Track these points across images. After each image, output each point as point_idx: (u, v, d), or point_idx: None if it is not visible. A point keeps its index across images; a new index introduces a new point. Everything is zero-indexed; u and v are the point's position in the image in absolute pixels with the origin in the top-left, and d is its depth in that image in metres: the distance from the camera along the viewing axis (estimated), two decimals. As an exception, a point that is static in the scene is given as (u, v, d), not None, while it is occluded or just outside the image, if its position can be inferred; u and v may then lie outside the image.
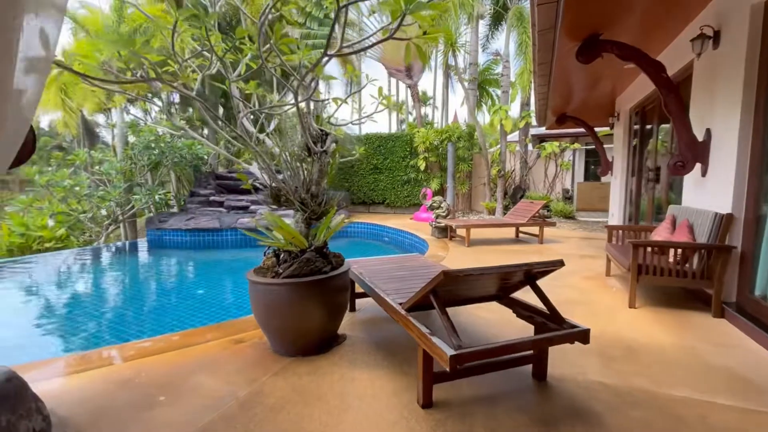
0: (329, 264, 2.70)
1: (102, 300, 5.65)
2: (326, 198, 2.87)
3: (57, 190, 8.47)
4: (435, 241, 7.54)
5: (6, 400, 1.67)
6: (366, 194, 13.92)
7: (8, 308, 5.22)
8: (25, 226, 9.32)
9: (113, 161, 9.50)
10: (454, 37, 11.08)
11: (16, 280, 6.56)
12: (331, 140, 2.90)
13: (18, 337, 4.16)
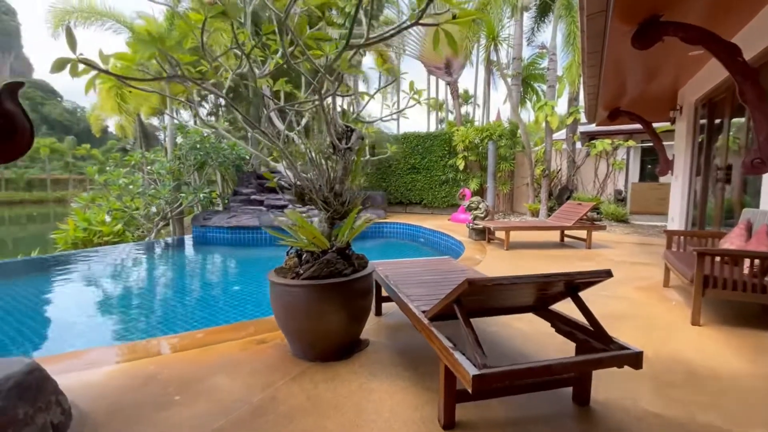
0: (351, 266, 2.57)
1: (145, 293, 5.94)
2: (350, 197, 2.75)
3: (113, 188, 9.10)
4: (472, 243, 7.22)
5: (26, 392, 1.70)
6: (403, 194, 13.76)
7: (65, 297, 5.63)
8: (88, 221, 10.11)
9: (163, 161, 10.07)
10: (496, 30, 10.61)
11: (78, 271, 7.09)
12: (356, 137, 2.77)
13: (62, 326, 4.44)
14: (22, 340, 3.95)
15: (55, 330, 4.31)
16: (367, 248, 9.64)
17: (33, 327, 4.30)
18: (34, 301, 5.31)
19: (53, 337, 4.13)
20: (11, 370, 1.72)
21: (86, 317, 4.75)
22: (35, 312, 4.87)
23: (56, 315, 4.90)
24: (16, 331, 4.13)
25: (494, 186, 11.01)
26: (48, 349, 3.78)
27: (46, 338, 4.09)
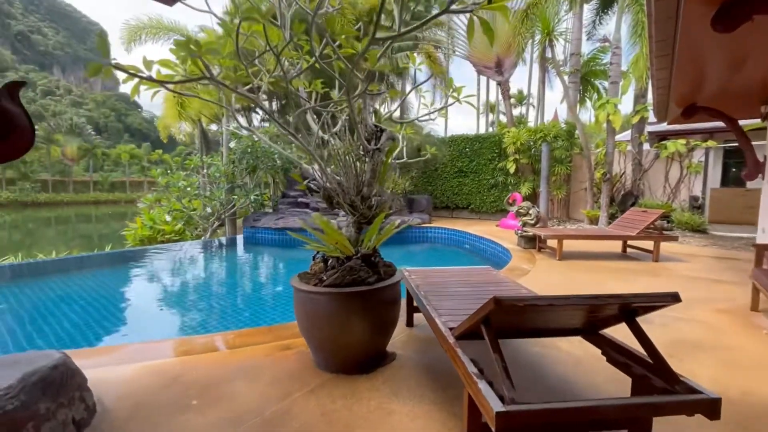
0: (375, 274, 2.41)
1: (193, 290, 6.24)
2: (378, 201, 2.60)
3: (173, 190, 9.79)
4: (520, 252, 6.76)
5: (49, 387, 1.74)
6: (449, 198, 13.39)
7: (125, 290, 6.07)
8: (153, 220, 10.97)
9: (219, 165, 10.67)
10: (551, 25, 9.95)
11: (139, 266, 7.67)
12: (386, 137, 2.62)
13: (117, 318, 4.75)
14: (70, 330, 4.27)
15: (110, 321, 4.62)
16: (411, 253, 9.47)
17: (87, 317, 4.65)
18: (94, 293, 5.78)
19: (106, 327, 4.42)
20: (38, 364, 1.78)
21: (139, 311, 5.06)
22: (95, 303, 5.28)
23: (114, 307, 5.27)
24: (71, 321, 4.49)
25: (548, 191, 10.30)
26: (93, 339, 4.05)
27: (97, 328, 4.39)
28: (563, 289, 4.35)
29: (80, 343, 3.86)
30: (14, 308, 4.99)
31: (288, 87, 2.92)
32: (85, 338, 3.99)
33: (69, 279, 6.50)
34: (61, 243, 21.90)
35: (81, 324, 4.38)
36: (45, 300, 5.32)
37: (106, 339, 4.05)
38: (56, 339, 3.91)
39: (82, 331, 4.19)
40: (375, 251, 2.56)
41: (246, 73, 2.96)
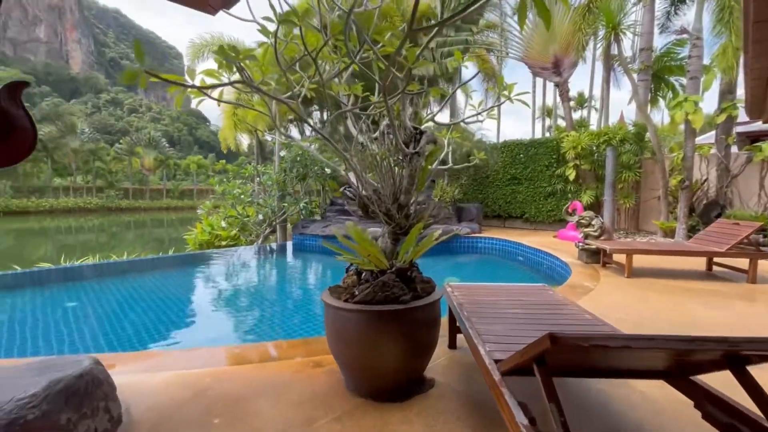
0: (411, 291, 2.17)
1: (241, 295, 6.37)
2: (416, 209, 2.37)
3: (229, 197, 10.28)
4: (582, 267, 6.11)
5: (73, 396, 1.71)
6: (501, 207, 12.73)
7: (181, 292, 6.36)
8: (211, 226, 11.62)
9: (271, 173, 11.05)
10: (617, 18, 9.11)
11: (197, 269, 8.08)
12: (425, 140, 2.39)
13: (170, 320, 4.93)
14: (126, 329, 4.47)
15: (162, 323, 4.81)
16: (458, 264, 9.05)
17: (145, 318, 4.88)
18: (153, 294, 6.11)
19: (158, 329, 4.60)
20: (64, 372, 1.77)
21: (189, 314, 5.24)
22: (153, 304, 5.56)
23: (168, 309, 5.51)
24: (130, 320, 4.73)
25: (613, 199, 9.36)
26: (142, 341, 4.20)
27: (149, 330, 4.57)
28: (635, 314, 3.78)
29: (133, 343, 4.02)
30: (83, 306, 5.39)
31: (324, 91, 2.80)
32: (138, 340, 4.16)
33: (135, 279, 6.98)
34: (138, 245, 24.19)
35: (138, 324, 4.60)
36: (110, 299, 5.71)
37: (153, 342, 4.19)
38: (109, 339, 4.11)
39: (138, 331, 4.38)
40: (412, 265, 2.32)
41: (287, 81, 2.90)
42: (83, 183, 43.26)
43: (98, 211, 40.11)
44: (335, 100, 3.25)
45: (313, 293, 6.46)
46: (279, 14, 2.75)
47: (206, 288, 6.89)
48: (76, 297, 5.97)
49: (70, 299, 5.83)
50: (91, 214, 39.09)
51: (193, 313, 5.35)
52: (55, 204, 37.87)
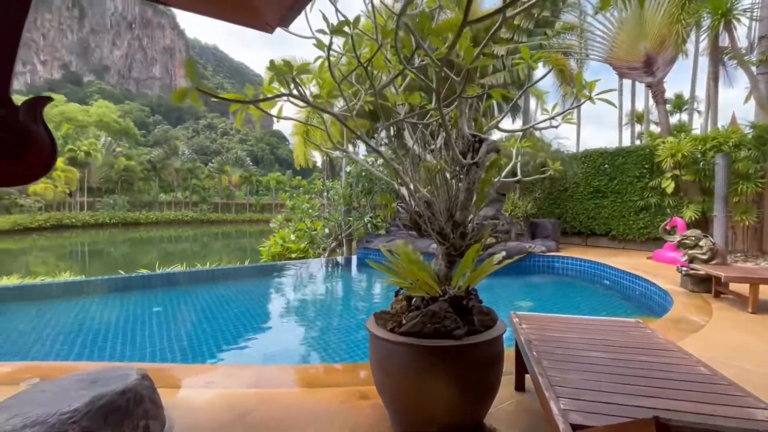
0: (466, 324, 1.86)
1: (304, 308, 6.44)
2: (474, 227, 2.06)
3: (298, 211, 10.71)
4: (686, 296, 5.12)
5: (113, 413, 1.70)
6: (583, 223, 11.51)
7: (250, 303, 6.63)
8: (282, 239, 12.21)
9: (338, 188, 11.33)
10: (728, 4, 7.77)
11: (268, 281, 8.46)
12: (485, 149, 2.09)
13: (235, 330, 5.09)
14: (191, 337, 4.69)
15: (225, 333, 4.99)
16: (531, 286, 8.25)
17: (214, 326, 5.11)
18: (224, 303, 6.44)
19: (218, 340, 4.77)
20: (108, 387, 1.77)
21: (253, 325, 5.39)
22: (222, 313, 5.85)
23: (235, 318, 5.74)
24: (200, 328, 4.98)
25: (726, 215, 7.85)
26: (203, 352, 4.35)
27: (211, 340, 4.76)
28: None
29: (197, 352, 4.19)
30: (165, 311, 5.86)
31: (377, 101, 2.65)
32: (202, 348, 4.34)
33: (212, 287, 7.50)
34: (224, 254, 26.59)
35: (206, 332, 4.83)
36: (188, 306, 6.14)
37: (216, 351, 4.33)
38: (178, 346, 4.34)
39: (204, 339, 4.59)
40: (469, 293, 2.01)
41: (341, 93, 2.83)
42: (182, 198, 49.18)
43: (193, 223, 45.13)
44: (390, 111, 3.08)
45: (373, 311, 6.31)
46: (331, 25, 2.66)
47: (272, 299, 7.12)
48: (162, 302, 6.54)
49: (157, 304, 6.40)
50: (187, 225, 44.10)
51: (257, 325, 5.50)
52: (160, 216, 43.50)
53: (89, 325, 5.13)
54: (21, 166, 1.04)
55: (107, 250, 28.71)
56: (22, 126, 1.02)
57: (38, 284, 6.90)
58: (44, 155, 1.06)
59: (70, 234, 34.51)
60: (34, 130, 1.04)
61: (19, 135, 1.02)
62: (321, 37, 2.85)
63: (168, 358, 3.93)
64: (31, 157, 1.05)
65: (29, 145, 1.03)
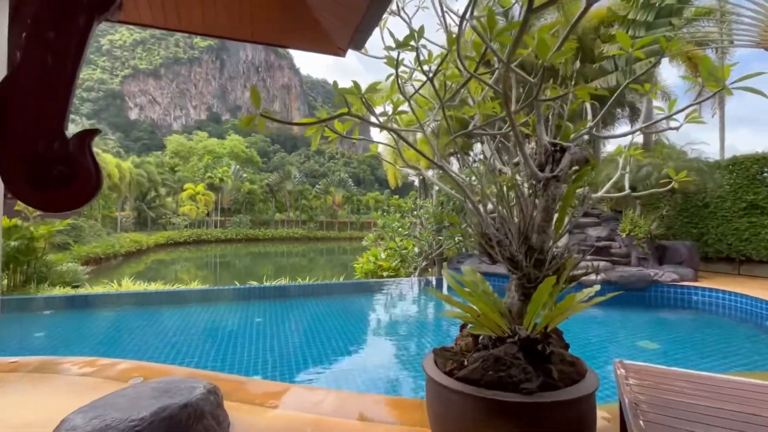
0: (541, 375, 1.50)
1: (389, 329, 6.33)
2: (555, 254, 1.69)
3: (387, 230, 10.82)
4: None
5: (173, 427, 1.76)
6: (733, 246, 9.25)
7: (338, 319, 6.80)
8: (375, 256, 12.46)
9: (429, 207, 11.16)
10: None
11: (360, 297, 8.65)
12: (568, 160, 1.72)
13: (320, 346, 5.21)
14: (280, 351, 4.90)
15: (311, 349, 5.14)
16: (657, 324, 6.82)
17: (303, 339, 5.32)
18: (315, 317, 6.71)
19: (305, 356, 4.91)
20: (173, 399, 1.87)
21: (338, 342, 5.47)
22: (311, 327, 6.08)
23: (322, 334, 5.91)
24: (291, 341, 5.22)
25: None
26: (288, 369, 4.49)
27: (299, 356, 4.91)
28: None
29: (280, 367, 4.37)
30: (265, 322, 6.35)
31: (444, 113, 2.47)
32: (285, 365, 4.52)
33: (308, 301, 7.95)
34: (328, 269, 28.49)
35: (294, 346, 5.05)
36: (284, 319, 6.57)
37: (297, 367, 4.45)
38: (269, 358, 4.59)
39: (289, 353, 4.79)
40: (547, 335, 1.63)
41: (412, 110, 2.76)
42: (293, 217, 54.62)
43: (301, 240, 49.58)
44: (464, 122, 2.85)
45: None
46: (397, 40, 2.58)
47: (361, 317, 7.20)
48: (264, 313, 7.13)
49: (259, 314, 7.00)
50: (297, 242, 48.59)
51: (342, 342, 5.56)
52: (275, 233, 48.88)
53: (197, 330, 5.82)
54: (68, 193, 1.11)
55: (233, 262, 33.22)
56: (71, 157, 1.08)
57: (170, 291, 8.19)
58: (89, 185, 1.12)
59: (207, 248, 40.96)
60: (81, 161, 1.10)
61: (68, 166, 1.08)
62: (390, 54, 2.79)
63: (256, 370, 4.17)
64: (77, 187, 1.11)
65: (77, 175, 1.10)
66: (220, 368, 4.26)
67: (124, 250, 26.90)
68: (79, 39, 1.16)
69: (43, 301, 7.44)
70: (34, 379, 2.72)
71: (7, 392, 2.52)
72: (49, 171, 1.07)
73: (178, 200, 45.69)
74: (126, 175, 34.84)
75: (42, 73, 1.12)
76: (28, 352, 4.88)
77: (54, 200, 1.10)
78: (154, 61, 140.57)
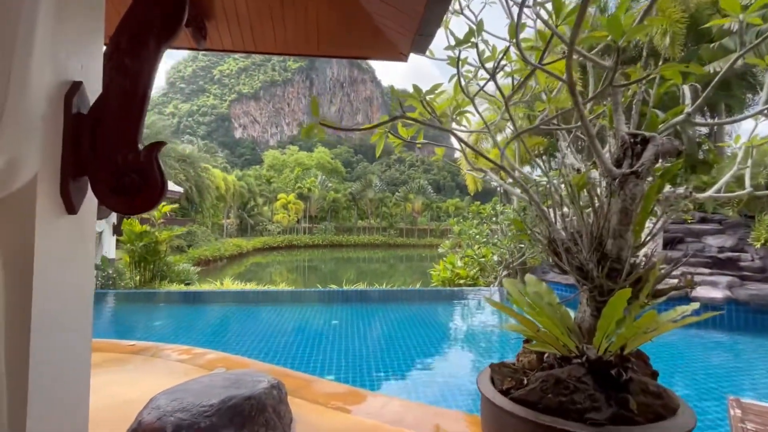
0: (616, 405, 1.27)
1: (464, 341, 6.07)
2: (636, 263, 1.44)
3: (464, 237, 10.45)
4: None
5: (237, 416, 1.89)
6: None
7: (414, 326, 6.75)
8: (452, 264, 12.16)
9: (509, 212, 10.54)
10: None
11: (436, 305, 8.52)
12: (652, 152, 1.46)
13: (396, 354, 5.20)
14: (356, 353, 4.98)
15: (385, 354, 5.16)
16: None
17: (380, 344, 5.37)
18: (393, 322, 6.75)
19: (382, 361, 4.94)
20: (240, 390, 2.01)
21: (411, 351, 5.42)
22: (390, 332, 6.12)
23: (397, 340, 5.91)
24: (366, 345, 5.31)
25: None
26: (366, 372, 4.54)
27: (375, 360, 4.95)
28: None
29: (351, 370, 4.47)
30: (341, 325, 6.58)
31: (507, 108, 2.32)
32: (356, 368, 4.60)
33: (386, 306, 8.07)
34: (407, 275, 28.72)
35: (368, 350, 5.14)
36: (359, 323, 6.74)
37: (365, 373, 4.50)
38: (343, 361, 4.72)
39: (362, 357, 4.88)
40: (624, 359, 1.38)
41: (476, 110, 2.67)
42: (374, 224, 56.25)
43: (381, 246, 50.76)
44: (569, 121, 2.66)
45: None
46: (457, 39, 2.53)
47: (435, 325, 7.06)
48: (341, 316, 7.41)
49: (335, 318, 7.29)
50: (377, 248, 49.87)
51: (414, 350, 5.49)
52: (357, 240, 50.89)
53: (280, 327, 6.25)
54: (138, 199, 1.26)
55: (319, 266, 35.38)
56: (143, 167, 1.23)
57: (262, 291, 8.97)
58: (155, 192, 1.26)
59: (296, 252, 44.30)
60: (150, 170, 1.24)
61: (139, 174, 1.23)
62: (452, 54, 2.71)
63: (330, 370, 4.33)
64: (146, 194, 1.26)
65: (146, 183, 1.24)
66: (297, 365, 4.52)
67: (228, 253, 30.39)
68: (150, 64, 1.33)
69: (163, 295, 8.78)
70: (143, 361, 3.18)
71: (121, 371, 2.97)
72: (126, 179, 1.23)
73: (272, 209, 50.29)
74: (230, 187, 39.54)
75: (122, 95, 1.30)
76: (150, 336, 5.77)
77: (129, 204, 1.25)
78: (255, 85, 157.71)
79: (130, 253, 10.82)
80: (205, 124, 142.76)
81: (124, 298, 8.73)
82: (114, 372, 2.94)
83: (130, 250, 10.74)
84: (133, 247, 10.64)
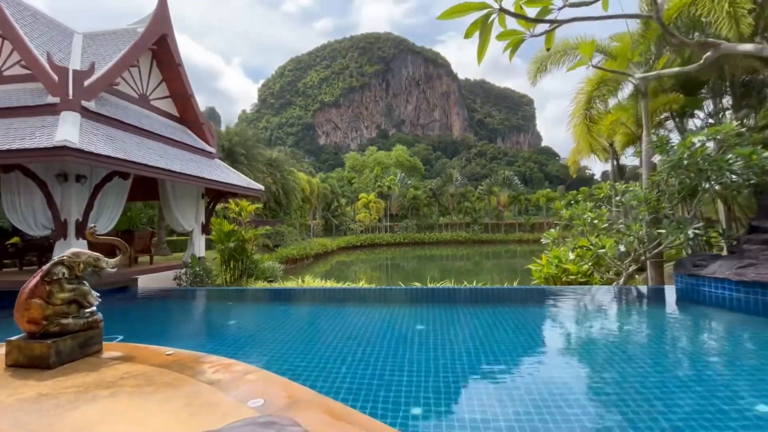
0: None
1: (579, 357, 4.39)
2: None
3: (577, 223, 8.45)
4: None
5: None
6: None
7: (508, 335, 5.25)
8: (558, 258, 10.14)
9: (636, 190, 8.24)
10: None
11: (538, 307, 6.89)
12: None
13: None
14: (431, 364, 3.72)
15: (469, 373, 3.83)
16: None
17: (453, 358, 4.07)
18: (480, 329, 5.34)
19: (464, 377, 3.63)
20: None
21: (509, 367, 3.99)
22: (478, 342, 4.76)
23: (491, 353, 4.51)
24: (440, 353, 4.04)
25: None
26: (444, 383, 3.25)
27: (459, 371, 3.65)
28: None
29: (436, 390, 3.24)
30: (428, 331, 5.39)
31: None
32: (441, 386, 3.36)
33: (479, 307, 6.70)
34: (495, 273, 26.48)
35: (454, 361, 3.88)
36: (449, 328, 5.47)
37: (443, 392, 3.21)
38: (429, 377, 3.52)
39: (448, 371, 3.62)
40: None
41: None
42: (457, 220, 53.97)
43: (465, 243, 48.36)
44: None
45: (712, 382, 3.50)
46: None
47: (539, 334, 5.48)
48: (427, 319, 6.23)
49: (422, 321, 6.13)
50: (461, 245, 47.62)
51: (510, 362, 4.05)
52: (439, 237, 49.25)
53: (356, 332, 5.26)
54: None
55: (402, 264, 34.73)
56: None
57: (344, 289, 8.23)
58: None
59: (379, 251, 44.39)
60: None
61: None
62: None
63: (417, 399, 3.17)
64: None
65: None
66: (370, 374, 3.46)
67: (313, 252, 31.35)
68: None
69: (251, 293, 8.67)
70: (169, 382, 2.35)
71: (138, 394, 2.18)
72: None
73: (354, 208, 51.28)
74: (315, 189, 41.10)
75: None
76: (225, 334, 5.26)
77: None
78: (335, 93, 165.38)
79: (221, 252, 11.07)
80: (293, 134, 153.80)
81: (206, 296, 8.74)
82: (129, 394, 2.17)
83: (221, 250, 10.99)
84: (224, 246, 10.81)
